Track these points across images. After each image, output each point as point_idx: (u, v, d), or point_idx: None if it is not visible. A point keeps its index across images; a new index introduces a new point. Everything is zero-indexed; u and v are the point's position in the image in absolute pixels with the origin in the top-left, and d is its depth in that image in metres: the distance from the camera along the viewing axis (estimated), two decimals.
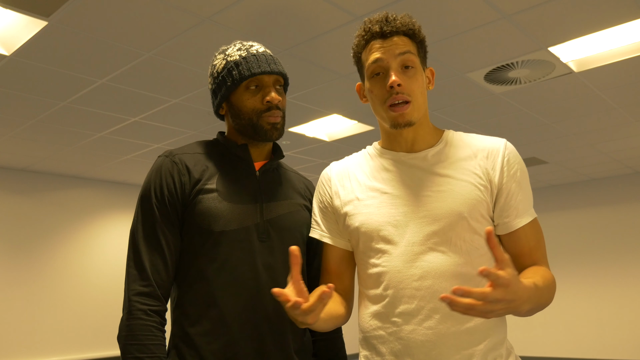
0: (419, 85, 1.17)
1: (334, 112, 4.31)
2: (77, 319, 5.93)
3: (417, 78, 1.17)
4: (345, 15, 2.80)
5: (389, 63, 1.16)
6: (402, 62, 1.16)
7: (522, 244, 1.16)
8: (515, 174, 1.16)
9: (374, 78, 1.18)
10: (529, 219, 1.16)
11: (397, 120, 1.16)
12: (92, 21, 2.76)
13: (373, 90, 1.19)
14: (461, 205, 1.12)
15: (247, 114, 1.29)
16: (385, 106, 1.17)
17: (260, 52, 1.32)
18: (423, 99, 1.19)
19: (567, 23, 2.95)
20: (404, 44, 1.17)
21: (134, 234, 1.23)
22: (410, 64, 1.16)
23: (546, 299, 1.08)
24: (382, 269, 1.15)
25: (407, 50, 1.16)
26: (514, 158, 1.18)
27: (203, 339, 1.18)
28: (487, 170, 1.16)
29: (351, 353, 8.15)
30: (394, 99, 1.14)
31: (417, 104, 1.16)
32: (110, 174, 6.10)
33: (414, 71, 1.17)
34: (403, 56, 1.16)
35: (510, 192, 1.15)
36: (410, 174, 1.20)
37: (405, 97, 1.15)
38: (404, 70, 1.16)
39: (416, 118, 1.17)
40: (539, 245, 1.17)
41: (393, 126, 1.17)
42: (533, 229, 1.17)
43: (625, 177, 7.08)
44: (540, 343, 7.44)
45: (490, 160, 1.17)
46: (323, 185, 1.31)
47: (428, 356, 1.09)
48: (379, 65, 1.17)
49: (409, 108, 1.15)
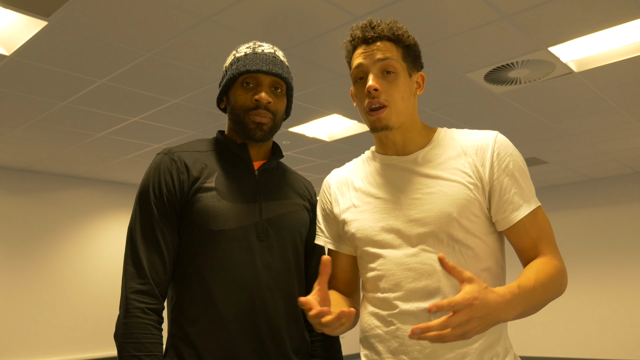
0: (399, 90, 1.18)
1: (334, 112, 4.31)
2: (77, 319, 5.93)
3: (398, 83, 1.18)
4: (345, 15, 2.80)
5: (369, 68, 1.18)
6: (382, 68, 1.18)
7: (522, 237, 1.14)
8: (507, 167, 1.15)
9: (357, 83, 1.22)
10: (526, 210, 1.14)
11: (375, 124, 1.18)
12: (92, 21, 2.76)
13: (357, 95, 1.23)
14: (450, 206, 1.13)
15: (237, 109, 1.30)
16: (365, 111, 1.20)
17: (265, 52, 1.31)
18: (405, 103, 1.19)
19: (567, 23, 2.95)
20: (386, 49, 1.19)
21: (131, 232, 1.22)
22: (390, 69, 1.18)
23: (546, 294, 1.07)
24: (379, 273, 1.17)
25: (387, 56, 1.18)
26: (504, 151, 1.16)
27: (201, 339, 1.18)
28: (476, 168, 1.16)
29: (351, 353, 8.15)
30: (370, 103, 1.17)
31: (395, 108, 1.17)
32: (110, 174, 6.10)
33: (394, 76, 1.18)
34: (383, 62, 1.17)
35: (503, 186, 1.14)
36: (401, 177, 1.21)
37: (381, 102, 1.16)
38: (385, 75, 1.18)
39: (394, 122, 1.18)
40: (542, 235, 1.14)
41: (372, 130, 1.21)
42: (534, 219, 1.14)
43: (625, 177, 7.08)
44: (540, 343, 7.44)
45: (480, 157, 1.16)
46: (324, 193, 1.34)
47: (423, 354, 1.10)
48: (361, 70, 1.20)
49: (384, 112, 1.17)
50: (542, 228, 1.15)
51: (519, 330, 7.65)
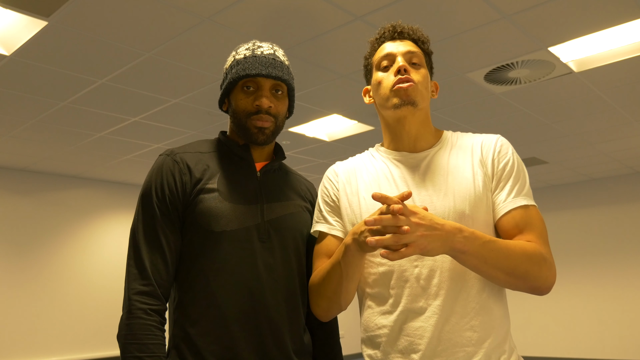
0: (423, 78, 1.23)
1: (334, 112, 4.31)
2: (77, 319, 5.93)
3: (423, 74, 1.24)
4: (345, 15, 2.80)
5: (397, 56, 1.23)
6: (409, 59, 1.24)
7: (512, 229, 1.14)
8: (507, 163, 1.19)
9: (382, 70, 1.25)
10: (521, 202, 1.15)
11: (401, 95, 1.20)
12: (92, 21, 2.76)
13: (381, 81, 1.25)
14: (461, 203, 1.15)
15: (239, 114, 1.30)
16: (391, 90, 1.22)
17: (265, 54, 1.31)
18: (427, 93, 1.25)
19: (567, 23, 2.95)
20: (413, 46, 1.26)
21: (134, 233, 1.23)
22: (417, 61, 1.24)
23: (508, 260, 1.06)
24: (387, 268, 1.17)
25: (416, 50, 1.25)
26: (505, 149, 1.21)
27: (203, 340, 1.18)
28: (483, 166, 1.20)
29: (352, 353, 8.15)
30: (400, 80, 1.20)
31: (420, 90, 1.22)
32: (110, 174, 6.10)
33: (420, 67, 1.24)
34: (411, 54, 1.24)
35: (502, 179, 1.18)
36: (412, 174, 1.23)
37: (410, 79, 1.20)
38: (412, 65, 1.24)
39: (419, 101, 1.21)
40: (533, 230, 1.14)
41: (396, 106, 1.21)
42: (527, 214, 1.15)
43: (625, 177, 7.09)
44: (540, 343, 7.44)
45: (484, 155, 1.21)
46: (330, 181, 1.33)
47: (434, 353, 1.10)
48: (388, 59, 1.24)
49: (412, 87, 1.20)
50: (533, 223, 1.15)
51: (519, 330, 7.65)
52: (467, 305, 1.11)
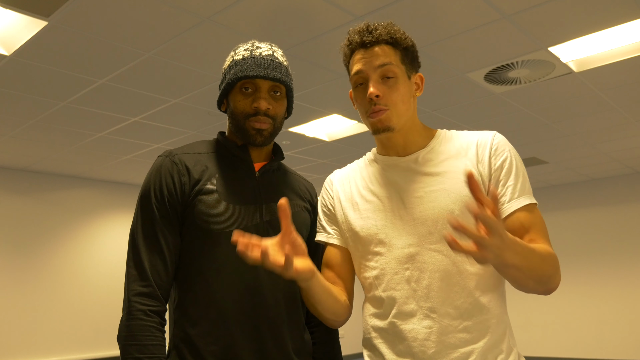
0: (399, 94, 1.19)
1: (334, 112, 4.31)
2: (77, 319, 5.93)
3: (398, 87, 1.19)
4: (345, 15, 2.80)
5: (368, 75, 1.19)
6: (382, 73, 1.19)
7: (517, 229, 1.13)
8: (505, 161, 1.17)
9: (357, 88, 1.23)
10: (523, 202, 1.14)
11: (376, 125, 1.20)
12: (92, 21, 2.76)
13: (357, 100, 1.25)
14: (453, 204, 1.14)
15: (237, 115, 1.30)
16: (366, 116, 1.22)
17: (263, 55, 1.30)
18: (405, 106, 1.21)
19: (567, 23, 2.95)
20: (385, 55, 1.19)
21: (133, 234, 1.23)
22: (390, 74, 1.19)
23: (540, 266, 1.05)
24: (379, 272, 1.18)
25: (387, 61, 1.19)
26: (502, 147, 1.18)
27: (203, 340, 1.18)
28: (476, 165, 1.18)
29: (352, 353, 8.16)
30: (373, 110, 1.19)
31: (396, 111, 1.19)
32: (110, 174, 6.10)
33: (394, 81, 1.19)
34: (383, 68, 1.18)
35: (500, 179, 1.16)
36: (403, 176, 1.23)
37: (382, 108, 1.18)
38: (384, 80, 1.19)
39: (395, 124, 1.19)
40: (537, 230, 1.13)
41: (374, 132, 1.22)
42: (530, 213, 1.14)
43: (625, 177, 7.09)
44: (540, 343, 7.44)
45: (479, 154, 1.19)
46: (326, 190, 1.36)
47: (427, 355, 1.10)
48: (360, 77, 1.21)
49: (385, 115, 1.18)
50: (537, 223, 1.14)
51: (519, 331, 7.65)
52: (460, 306, 1.11)
